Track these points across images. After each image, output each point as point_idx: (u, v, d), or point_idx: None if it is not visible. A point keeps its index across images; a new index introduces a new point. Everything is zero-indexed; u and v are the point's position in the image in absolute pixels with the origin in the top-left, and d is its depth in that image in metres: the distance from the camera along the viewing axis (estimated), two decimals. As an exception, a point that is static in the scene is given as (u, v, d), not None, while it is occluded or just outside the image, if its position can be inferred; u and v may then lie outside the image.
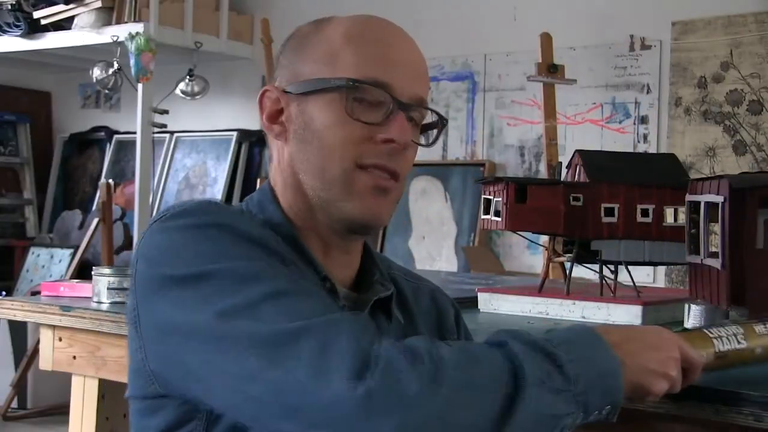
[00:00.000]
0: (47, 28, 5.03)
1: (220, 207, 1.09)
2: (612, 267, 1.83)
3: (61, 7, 4.92)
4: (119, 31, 4.66)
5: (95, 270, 1.97)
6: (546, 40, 3.74)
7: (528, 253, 4.29)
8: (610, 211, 1.77)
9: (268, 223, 1.12)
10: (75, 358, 1.96)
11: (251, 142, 5.25)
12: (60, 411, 4.61)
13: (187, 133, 5.44)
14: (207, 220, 1.04)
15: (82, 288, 2.04)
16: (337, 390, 0.89)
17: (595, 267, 1.84)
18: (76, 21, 4.94)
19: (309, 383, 0.90)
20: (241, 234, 1.04)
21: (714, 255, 1.42)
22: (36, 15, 5.01)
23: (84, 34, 4.88)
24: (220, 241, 1.02)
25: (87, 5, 4.85)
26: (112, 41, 4.66)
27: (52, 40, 5.04)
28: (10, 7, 5.03)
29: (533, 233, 1.93)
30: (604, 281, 1.84)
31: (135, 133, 4.78)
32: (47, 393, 4.91)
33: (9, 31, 5.13)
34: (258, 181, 4.83)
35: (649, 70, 4.02)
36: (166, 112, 4.70)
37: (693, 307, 1.49)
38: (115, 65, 4.70)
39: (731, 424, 1.12)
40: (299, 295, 0.98)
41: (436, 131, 1.19)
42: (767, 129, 3.75)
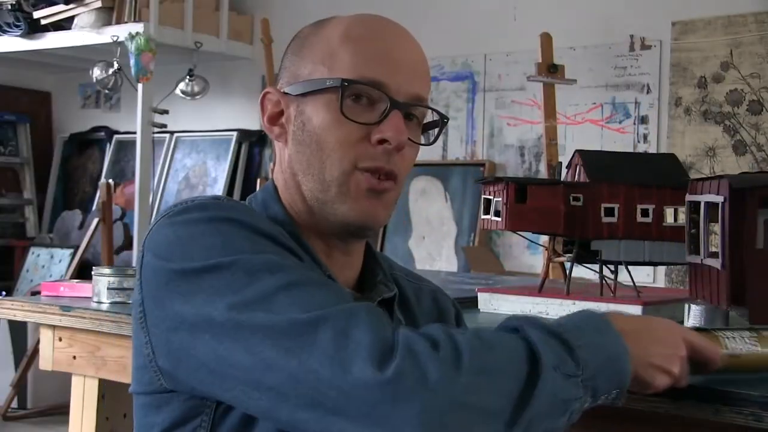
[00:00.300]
0: (47, 28, 5.04)
1: (227, 202, 1.08)
2: (612, 267, 1.82)
3: (61, 7, 4.92)
4: (119, 31, 4.66)
5: (95, 270, 1.97)
6: (546, 40, 3.74)
7: (528, 253, 4.29)
8: (610, 211, 1.77)
9: (273, 221, 1.11)
10: (75, 358, 1.96)
11: (251, 142, 5.25)
12: (60, 411, 4.61)
13: (187, 133, 5.44)
14: (215, 214, 1.04)
15: (82, 288, 2.04)
16: (361, 376, 0.88)
17: (595, 267, 1.84)
18: (76, 21, 4.94)
19: (328, 371, 0.89)
20: (251, 227, 1.03)
21: (714, 255, 1.42)
22: (36, 15, 5.01)
23: (84, 34, 4.88)
24: (229, 235, 1.02)
25: (87, 5, 4.85)
26: (112, 41, 4.66)
27: (52, 40, 5.04)
28: (10, 7, 5.03)
29: (533, 233, 1.93)
30: (604, 281, 1.84)
31: (135, 133, 4.79)
32: (47, 393, 4.91)
33: (9, 31, 5.13)
34: (258, 181, 4.82)
35: (649, 70, 4.02)
36: (166, 112, 4.70)
37: (693, 307, 1.49)
38: (115, 65, 4.70)
39: (731, 424, 1.12)
40: (312, 286, 0.98)
41: (437, 130, 1.18)
42: (767, 129, 3.75)
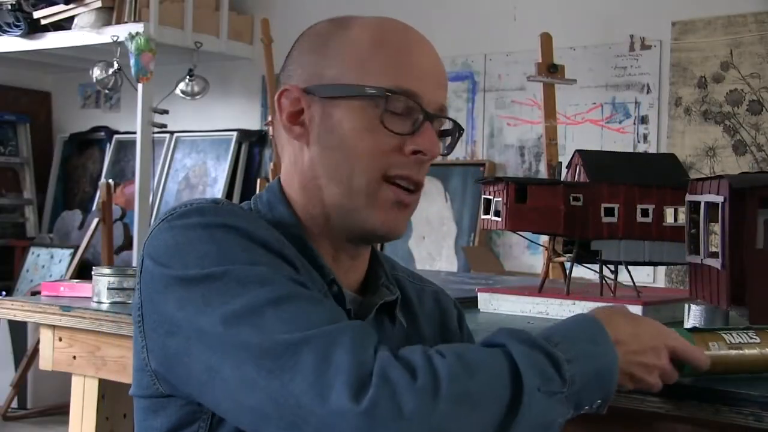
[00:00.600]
0: (47, 28, 5.03)
1: (228, 206, 1.08)
2: (612, 267, 1.83)
3: (61, 7, 4.92)
4: (119, 31, 4.66)
5: (95, 270, 1.97)
6: (546, 40, 3.74)
7: (528, 253, 4.29)
8: (610, 211, 1.77)
9: (277, 224, 1.11)
10: (75, 358, 1.96)
11: (251, 142, 5.25)
12: (60, 411, 4.62)
13: (187, 133, 5.44)
14: (214, 220, 1.04)
15: (82, 288, 2.04)
16: (337, 405, 0.89)
17: (595, 267, 1.84)
18: (76, 21, 4.93)
19: (308, 396, 0.90)
20: (248, 236, 1.03)
21: (714, 255, 1.42)
22: (36, 15, 5.01)
23: (84, 34, 4.88)
24: (224, 242, 1.02)
25: (87, 5, 4.85)
26: (112, 41, 4.66)
27: (52, 40, 5.04)
28: (10, 7, 5.03)
29: (533, 233, 1.93)
30: (604, 281, 1.84)
31: (135, 133, 4.79)
32: (47, 393, 4.91)
33: (9, 31, 5.13)
34: (258, 182, 4.82)
35: (649, 70, 4.02)
36: (166, 112, 4.70)
37: (693, 307, 1.49)
38: (115, 65, 4.70)
39: (731, 424, 1.12)
40: (302, 301, 0.98)
41: (449, 138, 1.18)
42: (767, 129, 3.75)
